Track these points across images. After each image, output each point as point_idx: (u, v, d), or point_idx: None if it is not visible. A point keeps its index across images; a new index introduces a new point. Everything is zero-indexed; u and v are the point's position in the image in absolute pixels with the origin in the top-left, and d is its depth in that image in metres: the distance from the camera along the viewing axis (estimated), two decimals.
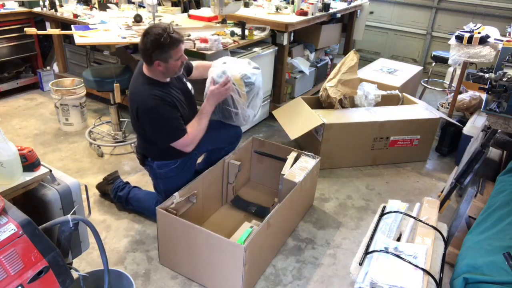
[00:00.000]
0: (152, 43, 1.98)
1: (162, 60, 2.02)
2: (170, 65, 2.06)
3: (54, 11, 3.87)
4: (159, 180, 2.34)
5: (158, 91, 2.07)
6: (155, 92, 2.06)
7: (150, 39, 1.98)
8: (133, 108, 2.12)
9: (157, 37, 1.97)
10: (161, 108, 2.05)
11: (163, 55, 2.00)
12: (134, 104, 2.11)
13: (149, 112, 2.06)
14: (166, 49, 1.99)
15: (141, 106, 2.07)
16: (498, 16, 5.03)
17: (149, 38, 1.98)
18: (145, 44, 2.00)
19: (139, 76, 2.15)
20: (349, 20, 4.91)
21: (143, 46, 2.02)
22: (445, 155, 3.51)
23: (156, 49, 1.98)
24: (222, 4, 3.32)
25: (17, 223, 1.15)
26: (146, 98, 2.05)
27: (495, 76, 2.14)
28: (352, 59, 3.26)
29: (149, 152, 2.30)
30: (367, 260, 1.73)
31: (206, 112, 2.24)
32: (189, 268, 2.10)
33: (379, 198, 2.90)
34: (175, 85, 2.21)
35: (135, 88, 2.14)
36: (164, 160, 2.27)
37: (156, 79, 2.12)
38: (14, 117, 3.79)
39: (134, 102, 2.11)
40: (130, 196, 2.53)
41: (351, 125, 3.12)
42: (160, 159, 2.27)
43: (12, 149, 1.45)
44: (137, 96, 2.10)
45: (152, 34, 1.98)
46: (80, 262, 2.16)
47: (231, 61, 2.41)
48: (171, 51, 2.01)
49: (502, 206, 1.83)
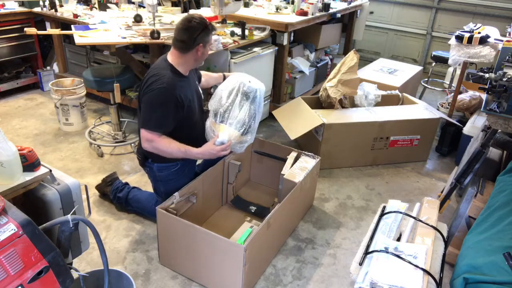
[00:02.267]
0: (199, 25, 2.06)
1: (203, 44, 2.10)
2: (206, 51, 2.15)
3: (54, 11, 3.87)
4: (159, 183, 2.32)
5: (176, 79, 2.09)
6: (173, 78, 2.07)
7: (197, 22, 2.06)
8: (145, 82, 2.09)
9: (203, 21, 2.08)
10: (165, 93, 2.03)
11: (206, 38, 2.10)
12: (148, 79, 2.08)
13: (156, 90, 2.03)
14: (209, 32, 2.11)
15: (154, 81, 2.05)
16: (498, 16, 5.03)
17: (196, 21, 2.06)
18: (191, 26, 2.06)
19: (163, 61, 2.15)
20: (349, 20, 4.91)
21: (188, 28, 2.05)
22: (445, 155, 3.51)
23: (203, 31, 2.06)
24: (222, 4, 3.32)
25: (17, 223, 1.15)
26: (162, 78, 2.04)
27: (495, 76, 2.14)
28: (352, 59, 3.26)
29: (150, 152, 2.29)
30: (367, 260, 1.73)
31: (189, 155, 2.11)
32: (189, 268, 2.10)
33: (379, 198, 2.90)
34: (190, 83, 2.22)
35: (156, 69, 2.11)
36: (164, 162, 2.24)
37: (178, 69, 2.13)
38: (14, 117, 3.80)
39: (150, 77, 2.08)
40: (129, 197, 2.52)
41: (351, 125, 3.12)
42: (160, 161, 2.25)
43: (12, 149, 1.45)
44: (155, 73, 2.08)
45: (197, 18, 2.08)
46: (80, 262, 2.16)
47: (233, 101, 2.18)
48: (211, 35, 2.13)
49: (502, 206, 1.83)
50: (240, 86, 2.15)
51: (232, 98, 2.13)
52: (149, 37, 3.06)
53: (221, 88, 2.19)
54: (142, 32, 3.21)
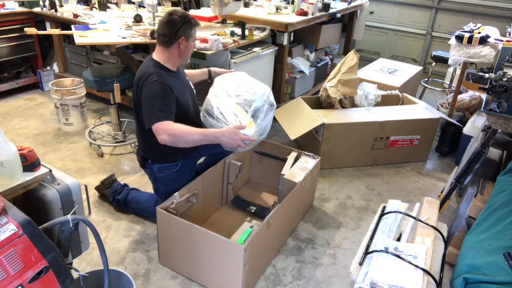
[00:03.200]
0: (180, 18, 2.08)
1: (186, 38, 2.11)
2: (189, 45, 2.16)
3: (54, 11, 3.87)
4: (160, 184, 2.32)
5: (165, 74, 2.11)
6: (162, 73, 2.09)
7: (178, 15, 2.09)
8: (137, 85, 2.11)
9: (185, 14, 2.12)
10: (159, 86, 2.04)
11: (188, 31, 2.11)
12: (139, 81, 2.10)
13: (148, 86, 2.04)
14: (192, 26, 2.12)
15: (144, 80, 2.07)
16: (498, 16, 5.03)
17: (177, 15, 2.09)
18: (172, 20, 2.08)
19: (149, 60, 2.17)
20: (349, 20, 4.92)
21: (169, 22, 2.08)
22: (445, 155, 3.51)
23: (184, 24, 2.08)
24: (222, 4, 3.32)
25: (17, 223, 1.15)
26: (152, 75, 2.06)
27: (495, 76, 2.14)
28: (352, 59, 3.26)
29: (149, 153, 2.29)
30: (367, 260, 1.73)
31: (206, 137, 2.03)
32: (189, 268, 2.10)
33: (379, 198, 2.90)
34: (181, 78, 2.24)
35: (143, 69, 2.13)
36: (164, 162, 2.24)
37: (165, 65, 2.15)
38: (14, 117, 3.79)
39: (139, 79, 2.10)
40: (128, 198, 2.52)
41: (351, 125, 3.12)
42: (160, 162, 2.25)
43: (12, 149, 1.45)
44: (144, 73, 2.10)
45: (179, 12, 2.12)
46: (80, 262, 2.16)
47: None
48: (194, 28, 2.14)
49: (502, 206, 1.83)
50: (269, 95, 2.25)
51: (263, 102, 2.19)
52: (149, 37, 3.06)
53: (256, 86, 2.22)
54: (142, 32, 3.21)
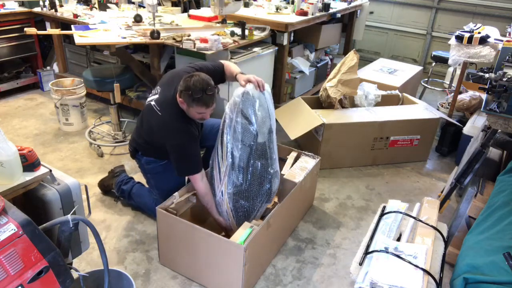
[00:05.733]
0: (185, 87, 1.99)
1: (186, 102, 2.03)
2: (189, 111, 2.08)
3: (54, 11, 3.87)
4: (149, 175, 2.41)
5: (185, 124, 2.10)
6: (184, 126, 2.09)
7: (187, 84, 1.98)
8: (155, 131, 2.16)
9: (197, 88, 1.97)
10: (188, 145, 2.10)
11: (187, 100, 2.02)
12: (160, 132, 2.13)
13: (176, 147, 2.10)
14: (192, 100, 2.00)
15: (169, 138, 2.10)
16: (498, 16, 5.03)
17: (189, 82, 1.98)
18: (185, 80, 2.01)
19: (173, 101, 2.11)
20: (349, 20, 4.91)
21: (183, 79, 2.03)
22: (445, 155, 3.51)
23: (186, 91, 1.99)
24: (222, 4, 3.32)
25: (17, 223, 1.15)
26: (175, 133, 2.08)
27: (495, 76, 2.14)
28: (352, 59, 3.26)
29: (142, 148, 2.36)
30: (367, 260, 1.73)
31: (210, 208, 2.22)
32: (189, 268, 2.10)
33: (379, 198, 2.90)
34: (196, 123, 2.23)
35: (165, 116, 2.12)
36: (152, 157, 2.34)
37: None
38: (14, 117, 3.79)
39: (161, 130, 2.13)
40: (133, 191, 2.55)
41: (351, 125, 3.12)
42: (148, 155, 2.35)
43: (12, 149, 1.45)
44: (166, 127, 2.11)
45: (192, 81, 1.98)
46: (80, 262, 2.16)
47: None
48: (195, 104, 2.02)
49: (502, 206, 1.83)
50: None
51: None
52: (149, 37, 3.06)
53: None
54: (142, 32, 3.21)
